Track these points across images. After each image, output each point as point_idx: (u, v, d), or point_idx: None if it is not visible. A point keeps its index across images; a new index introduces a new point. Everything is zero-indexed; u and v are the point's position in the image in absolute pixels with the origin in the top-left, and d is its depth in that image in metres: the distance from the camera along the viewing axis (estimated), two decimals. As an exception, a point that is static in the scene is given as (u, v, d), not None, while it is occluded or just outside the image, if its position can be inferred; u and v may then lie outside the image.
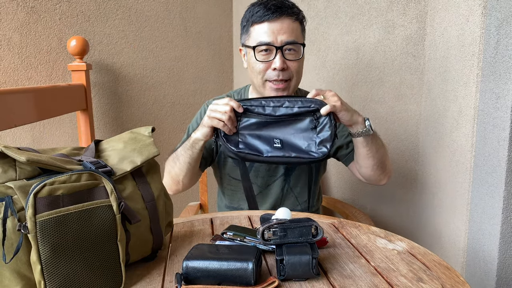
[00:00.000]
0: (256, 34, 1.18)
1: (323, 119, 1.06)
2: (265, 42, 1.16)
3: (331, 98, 1.08)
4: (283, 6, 1.16)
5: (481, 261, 1.23)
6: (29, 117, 1.32)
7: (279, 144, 1.08)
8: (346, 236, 0.92)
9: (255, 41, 1.18)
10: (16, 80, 1.63)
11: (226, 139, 1.09)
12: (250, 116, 1.09)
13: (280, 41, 1.15)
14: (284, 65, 1.16)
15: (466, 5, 1.26)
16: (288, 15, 1.16)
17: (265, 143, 1.08)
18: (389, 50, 1.57)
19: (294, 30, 1.17)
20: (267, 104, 1.07)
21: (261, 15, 1.16)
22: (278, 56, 1.15)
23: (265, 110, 1.07)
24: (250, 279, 0.66)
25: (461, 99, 1.30)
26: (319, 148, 1.06)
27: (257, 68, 1.19)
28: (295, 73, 1.19)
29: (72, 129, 1.78)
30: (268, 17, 1.15)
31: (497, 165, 1.15)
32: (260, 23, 1.17)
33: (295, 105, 1.06)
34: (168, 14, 2.02)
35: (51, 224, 0.60)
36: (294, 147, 1.07)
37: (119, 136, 0.85)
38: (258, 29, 1.18)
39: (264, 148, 1.08)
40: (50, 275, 0.60)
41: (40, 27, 1.65)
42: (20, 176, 0.64)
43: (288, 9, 1.17)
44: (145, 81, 1.98)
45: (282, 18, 1.16)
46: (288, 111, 1.06)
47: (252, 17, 1.18)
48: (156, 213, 0.79)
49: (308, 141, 1.07)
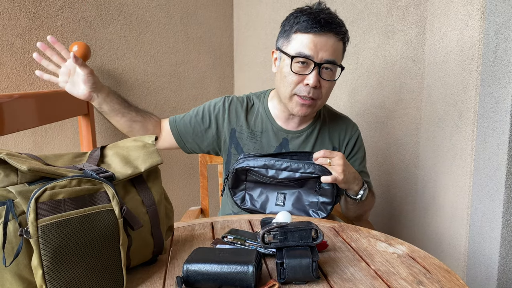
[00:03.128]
0: (297, 44, 1.12)
1: (325, 184, 1.10)
2: (305, 54, 1.10)
3: (336, 167, 1.07)
4: (333, 23, 1.11)
5: (482, 265, 1.23)
6: (31, 122, 1.33)
7: (281, 203, 1.13)
8: (346, 240, 0.92)
9: (295, 50, 1.12)
10: (19, 85, 1.64)
11: (233, 193, 1.15)
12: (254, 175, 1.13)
13: (321, 58, 1.11)
14: (318, 84, 1.12)
15: (465, 10, 1.26)
16: (335, 33, 1.11)
17: (269, 200, 1.14)
18: (389, 55, 1.58)
19: (336, 50, 1.13)
20: (270, 166, 1.10)
21: (308, 25, 1.10)
22: (314, 72, 1.11)
23: (268, 173, 1.10)
24: (250, 283, 0.67)
25: (460, 103, 1.30)
26: (320, 210, 1.12)
27: (289, 79, 1.14)
28: (324, 94, 1.16)
29: (73, 134, 1.78)
30: (315, 30, 1.09)
31: (497, 169, 1.15)
32: (305, 33, 1.11)
33: (298, 171, 1.09)
34: (169, 19, 2.03)
35: (52, 228, 0.60)
36: (296, 206, 1.13)
37: (123, 142, 0.85)
38: (301, 39, 1.11)
39: (267, 205, 1.14)
40: (52, 279, 0.60)
41: (42, 32, 1.66)
42: (21, 180, 0.64)
43: (337, 27, 1.11)
44: (146, 86, 2.00)
45: (329, 35, 1.10)
46: (290, 175, 1.09)
47: (297, 24, 1.12)
48: (157, 217, 0.79)
49: (311, 200, 1.12)
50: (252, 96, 1.33)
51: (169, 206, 0.86)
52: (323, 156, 1.08)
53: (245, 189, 1.15)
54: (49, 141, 1.74)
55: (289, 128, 1.26)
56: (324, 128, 1.29)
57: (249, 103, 1.30)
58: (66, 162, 0.75)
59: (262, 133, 1.26)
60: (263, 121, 1.27)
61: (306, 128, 1.27)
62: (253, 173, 1.12)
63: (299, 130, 1.27)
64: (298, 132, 1.26)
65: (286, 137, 1.26)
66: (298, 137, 1.26)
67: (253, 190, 1.15)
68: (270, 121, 1.27)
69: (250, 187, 1.15)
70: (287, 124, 1.26)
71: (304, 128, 1.27)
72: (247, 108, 1.28)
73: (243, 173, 1.13)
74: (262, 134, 1.26)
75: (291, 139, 1.26)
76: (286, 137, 1.26)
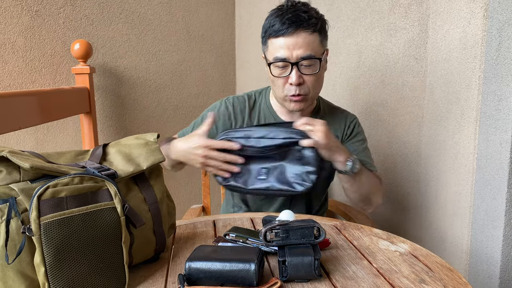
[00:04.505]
0: (273, 49, 1.15)
1: (307, 151, 1.05)
2: (281, 58, 1.13)
3: (317, 133, 1.05)
4: (298, 20, 1.11)
5: (484, 263, 1.23)
6: (33, 119, 1.33)
7: (265, 176, 1.08)
8: (349, 238, 0.92)
9: (272, 56, 1.15)
10: (21, 83, 1.64)
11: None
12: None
13: (296, 57, 1.12)
14: (301, 80, 1.14)
15: (468, 8, 1.26)
16: (303, 28, 1.11)
17: (251, 175, 1.08)
18: (391, 53, 1.57)
19: (310, 44, 1.13)
20: (251, 135, 1.06)
21: (277, 29, 1.12)
22: (293, 71, 1.13)
23: (248, 142, 1.06)
24: (252, 280, 0.67)
25: (463, 101, 1.30)
26: (303, 181, 1.05)
27: (276, 83, 1.18)
28: (312, 87, 1.17)
29: (75, 132, 1.79)
30: (283, 32, 1.11)
31: (499, 167, 1.15)
32: (276, 37, 1.13)
33: (278, 137, 1.04)
34: (171, 17, 2.03)
35: (55, 226, 0.60)
36: (279, 179, 1.07)
37: (125, 140, 0.85)
38: (274, 43, 1.14)
39: (249, 180, 1.08)
40: (54, 277, 0.60)
41: (44, 30, 1.66)
42: (23, 178, 0.64)
43: (304, 23, 1.11)
44: (148, 84, 2.00)
45: (298, 33, 1.11)
46: (271, 143, 1.05)
47: (269, 29, 1.15)
48: (159, 215, 0.79)
49: (295, 172, 1.06)
50: (254, 93, 1.34)
51: (171, 204, 0.87)
52: (305, 123, 1.07)
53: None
54: (51, 139, 1.74)
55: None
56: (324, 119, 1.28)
57: (250, 101, 1.31)
58: (68, 160, 0.75)
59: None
60: (266, 116, 1.29)
61: None
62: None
63: None
64: None
65: None
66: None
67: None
68: (273, 115, 1.28)
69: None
70: (289, 118, 1.28)
71: None
72: (249, 106, 1.30)
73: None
74: None
75: None
76: None
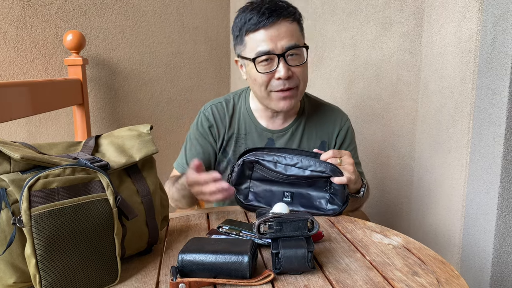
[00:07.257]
0: (253, 44, 1.07)
1: (335, 185, 1.00)
2: (265, 51, 1.06)
3: (347, 166, 0.99)
4: (277, 9, 1.05)
5: (476, 256, 1.24)
6: (25, 110, 1.32)
7: (289, 198, 1.04)
8: (342, 231, 0.92)
9: (253, 51, 1.07)
10: (12, 74, 1.62)
11: (236, 190, 1.06)
12: (261, 170, 1.04)
13: (281, 48, 1.06)
14: (289, 73, 1.07)
15: (463, 2, 1.26)
16: (284, 17, 1.06)
17: (274, 197, 1.04)
18: (386, 47, 1.57)
19: (293, 32, 1.08)
20: (279, 161, 1.01)
21: (255, 22, 1.05)
22: (281, 64, 1.06)
23: (276, 167, 1.01)
24: (245, 272, 0.66)
25: (457, 95, 1.30)
26: (330, 206, 1.03)
27: (259, 80, 1.09)
28: (301, 79, 1.11)
29: (68, 123, 1.77)
30: (264, 23, 1.05)
31: (492, 162, 1.16)
32: (256, 31, 1.06)
33: (308, 168, 1.00)
34: (165, 9, 2.01)
35: (46, 217, 0.60)
36: (304, 203, 1.04)
37: (118, 131, 0.84)
38: (254, 38, 1.07)
39: (273, 201, 1.03)
40: (45, 268, 0.60)
41: (36, 21, 1.64)
42: (14, 169, 0.63)
43: (284, 11, 1.06)
44: (141, 77, 1.98)
45: (279, 22, 1.05)
46: (299, 173, 1.00)
47: (245, 25, 1.08)
48: (152, 207, 0.79)
49: (320, 199, 1.04)
50: (233, 97, 1.26)
51: (164, 196, 0.86)
52: (332, 157, 1.00)
53: (249, 187, 1.07)
54: (44, 131, 1.72)
55: (273, 127, 1.22)
56: (311, 122, 1.24)
57: (229, 106, 1.24)
58: (60, 151, 0.75)
59: (247, 135, 1.22)
60: (246, 123, 1.22)
61: (290, 125, 1.22)
62: (260, 168, 1.04)
63: (283, 128, 1.22)
64: (283, 131, 1.22)
65: (271, 137, 1.22)
66: (283, 135, 1.22)
67: (257, 188, 1.07)
68: (253, 122, 1.22)
69: (255, 185, 1.07)
70: (271, 123, 1.22)
71: (288, 125, 1.22)
72: (228, 113, 1.23)
73: (250, 167, 1.05)
74: (247, 136, 1.22)
75: (277, 139, 1.22)
76: (271, 137, 1.22)
